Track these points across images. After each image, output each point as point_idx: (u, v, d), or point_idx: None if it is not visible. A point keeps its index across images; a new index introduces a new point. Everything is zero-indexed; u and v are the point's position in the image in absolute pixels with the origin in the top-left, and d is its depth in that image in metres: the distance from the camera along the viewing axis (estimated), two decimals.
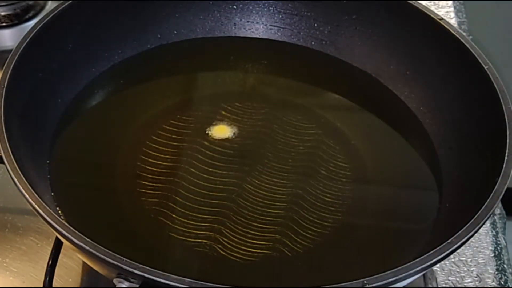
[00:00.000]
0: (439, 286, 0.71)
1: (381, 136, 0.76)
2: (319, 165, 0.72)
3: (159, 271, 0.52)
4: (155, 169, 0.70)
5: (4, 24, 0.93)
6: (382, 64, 0.79)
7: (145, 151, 0.72)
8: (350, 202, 0.69)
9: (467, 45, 0.71)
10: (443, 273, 0.73)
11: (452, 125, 0.72)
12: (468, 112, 0.72)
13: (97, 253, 0.54)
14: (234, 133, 0.75)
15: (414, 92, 0.77)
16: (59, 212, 0.65)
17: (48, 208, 0.57)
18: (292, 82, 0.83)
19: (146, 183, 0.69)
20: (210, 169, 0.71)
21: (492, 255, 0.75)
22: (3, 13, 0.92)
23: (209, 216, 0.67)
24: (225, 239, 0.65)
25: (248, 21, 0.85)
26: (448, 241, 0.56)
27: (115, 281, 0.54)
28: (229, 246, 0.65)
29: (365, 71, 0.81)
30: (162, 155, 0.71)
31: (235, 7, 0.84)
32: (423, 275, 0.70)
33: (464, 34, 0.74)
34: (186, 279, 0.52)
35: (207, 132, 0.74)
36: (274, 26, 0.84)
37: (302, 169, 0.72)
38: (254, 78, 0.83)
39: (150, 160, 0.71)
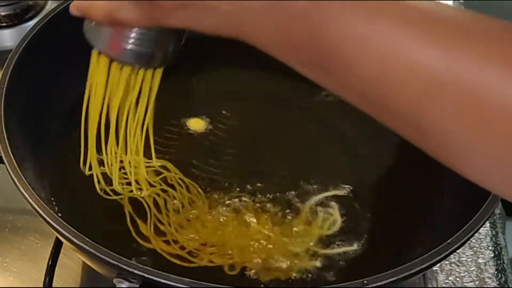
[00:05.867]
0: (439, 286, 0.71)
1: (380, 136, 0.76)
2: (319, 165, 0.72)
3: (159, 271, 0.52)
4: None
5: (4, 24, 0.93)
6: None
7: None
8: (350, 202, 0.69)
9: None
10: (443, 273, 0.73)
11: None
12: None
13: (97, 253, 0.54)
14: (234, 132, 0.75)
15: None
16: (59, 212, 0.65)
17: (48, 208, 0.57)
18: (293, 82, 0.82)
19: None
20: (210, 169, 0.71)
21: (492, 255, 0.75)
22: (3, 13, 0.93)
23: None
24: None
25: None
26: (448, 241, 0.56)
27: (115, 281, 0.54)
28: None
29: None
30: (162, 155, 0.71)
31: None
32: (423, 275, 0.70)
33: None
34: (186, 279, 0.52)
35: (207, 131, 0.74)
36: None
37: (302, 169, 0.71)
38: (254, 77, 0.83)
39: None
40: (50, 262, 0.64)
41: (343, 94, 0.43)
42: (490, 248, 0.75)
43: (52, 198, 0.66)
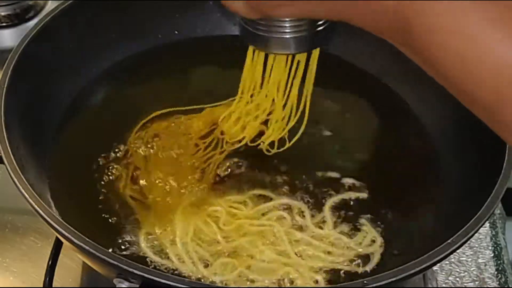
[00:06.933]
0: (439, 286, 0.71)
1: (382, 137, 0.76)
2: (318, 165, 0.72)
3: (159, 271, 0.52)
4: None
5: (4, 24, 0.93)
6: (384, 63, 0.79)
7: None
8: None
9: None
10: (443, 273, 0.73)
11: (453, 125, 0.72)
12: (469, 113, 0.71)
13: (97, 253, 0.54)
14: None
15: (416, 92, 0.77)
16: (59, 212, 0.65)
17: (48, 208, 0.57)
18: None
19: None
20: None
21: (492, 255, 0.75)
22: (3, 13, 0.93)
23: None
24: None
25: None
26: (448, 241, 0.56)
27: (115, 281, 0.54)
28: None
29: (367, 70, 0.81)
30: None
31: None
32: (423, 275, 0.70)
33: None
34: (186, 279, 0.52)
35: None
36: None
37: (303, 170, 0.71)
38: None
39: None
40: (50, 262, 0.65)
41: (427, 72, 0.46)
42: (490, 248, 0.75)
43: (52, 198, 0.66)
